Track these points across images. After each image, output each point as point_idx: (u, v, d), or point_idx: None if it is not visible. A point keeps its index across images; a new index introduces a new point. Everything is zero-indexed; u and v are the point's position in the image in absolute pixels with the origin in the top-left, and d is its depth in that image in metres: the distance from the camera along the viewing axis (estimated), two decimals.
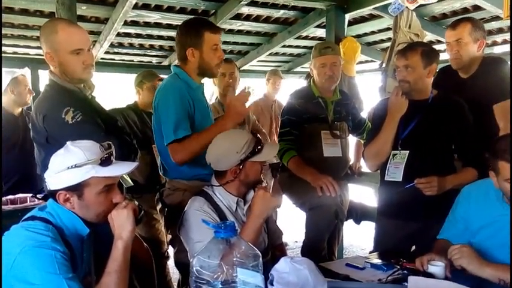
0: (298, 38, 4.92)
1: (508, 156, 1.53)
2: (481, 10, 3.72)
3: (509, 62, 2.38)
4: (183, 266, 1.99)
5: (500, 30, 4.41)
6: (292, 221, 4.82)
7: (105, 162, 1.39)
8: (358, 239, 4.54)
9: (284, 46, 5.22)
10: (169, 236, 2.17)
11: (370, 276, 1.65)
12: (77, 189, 1.36)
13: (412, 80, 2.15)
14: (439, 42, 4.56)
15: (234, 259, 1.10)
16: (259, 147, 1.80)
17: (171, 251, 2.95)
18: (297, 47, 5.48)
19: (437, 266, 1.59)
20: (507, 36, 4.52)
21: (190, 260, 1.17)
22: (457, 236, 1.80)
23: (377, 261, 1.79)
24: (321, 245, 2.55)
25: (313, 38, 5.10)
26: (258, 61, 5.65)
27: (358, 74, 4.27)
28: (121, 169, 1.44)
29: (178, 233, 1.82)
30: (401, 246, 2.12)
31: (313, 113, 2.66)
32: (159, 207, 2.17)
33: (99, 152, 1.39)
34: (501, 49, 4.78)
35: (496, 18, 3.88)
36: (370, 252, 2.18)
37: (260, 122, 4.38)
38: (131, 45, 4.95)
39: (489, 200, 1.72)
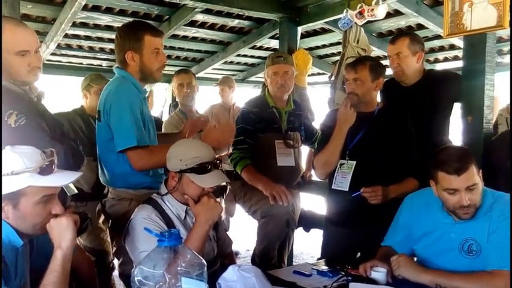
0: (253, 48, 4.98)
1: (447, 168, 1.62)
2: (424, 29, 3.95)
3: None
4: (128, 278, 1.92)
5: (441, 48, 4.71)
6: (244, 230, 4.82)
7: (45, 170, 1.31)
8: (309, 247, 4.61)
9: (239, 55, 5.27)
10: (115, 248, 2.10)
11: (316, 283, 1.68)
12: (12, 198, 1.28)
13: (361, 93, 2.24)
14: (385, 57, 4.78)
15: (179, 268, 1.08)
16: (203, 168, 1.71)
17: (116, 261, 2.85)
18: (252, 56, 5.55)
19: (379, 272, 1.66)
20: (448, 54, 4.84)
21: (132, 270, 1.13)
22: (399, 243, 1.88)
23: (323, 268, 1.83)
24: (272, 253, 2.56)
25: (267, 49, 5.18)
26: (213, 69, 5.65)
27: (310, 86, 4.38)
28: (62, 179, 1.36)
29: (123, 242, 1.76)
30: (347, 253, 2.17)
31: (268, 123, 2.68)
32: (101, 219, 2.08)
33: (40, 159, 1.31)
34: (442, 66, 5.09)
35: (438, 37, 4.14)
36: (318, 259, 2.22)
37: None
38: (80, 48, 4.77)
39: (430, 208, 1.80)
